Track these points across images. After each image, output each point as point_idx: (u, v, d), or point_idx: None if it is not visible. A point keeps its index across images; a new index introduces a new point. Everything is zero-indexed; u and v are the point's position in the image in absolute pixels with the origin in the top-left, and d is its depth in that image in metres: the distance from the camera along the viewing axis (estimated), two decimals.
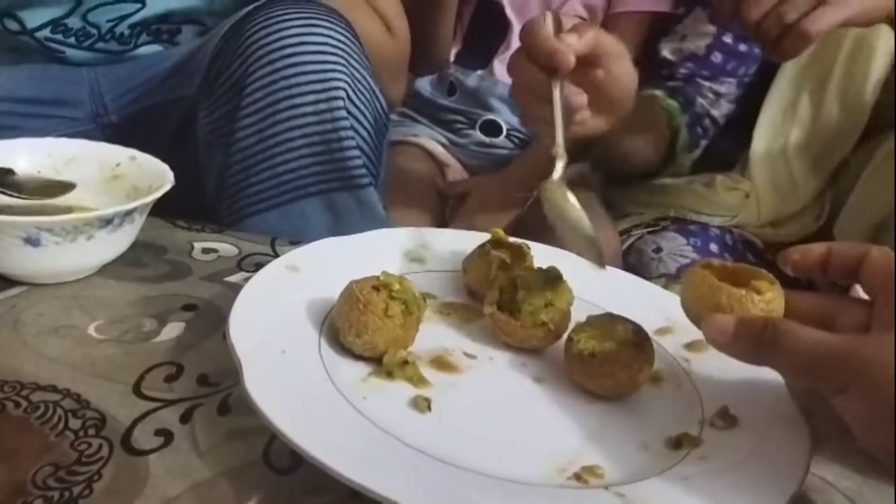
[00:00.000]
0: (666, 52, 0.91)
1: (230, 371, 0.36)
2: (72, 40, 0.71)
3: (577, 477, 0.34)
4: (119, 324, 0.43)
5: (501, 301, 0.46)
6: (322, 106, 0.60)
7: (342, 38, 0.61)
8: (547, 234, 0.88)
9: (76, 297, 0.45)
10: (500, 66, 0.94)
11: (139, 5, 0.70)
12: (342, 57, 0.60)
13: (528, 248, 0.52)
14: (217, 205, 0.64)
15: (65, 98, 0.71)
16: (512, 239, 0.52)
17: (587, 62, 0.53)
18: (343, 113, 0.60)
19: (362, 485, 0.30)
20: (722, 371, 0.43)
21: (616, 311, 0.44)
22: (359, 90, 0.62)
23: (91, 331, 0.42)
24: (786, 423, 0.38)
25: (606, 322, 0.42)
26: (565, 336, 0.44)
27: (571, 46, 0.50)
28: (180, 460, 0.33)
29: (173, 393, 0.38)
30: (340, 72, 0.60)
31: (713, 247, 0.83)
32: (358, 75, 0.62)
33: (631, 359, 0.40)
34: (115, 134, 0.71)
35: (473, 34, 0.95)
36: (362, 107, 0.62)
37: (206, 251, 0.55)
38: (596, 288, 0.50)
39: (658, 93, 0.88)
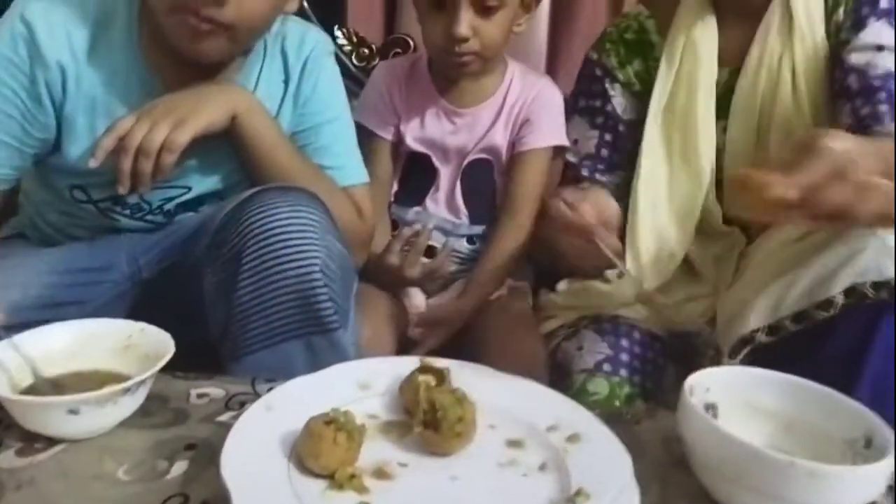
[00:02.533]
0: (569, 157, 1.10)
1: (224, 496, 0.51)
2: (126, 212, 0.90)
3: None
4: (140, 466, 0.58)
5: (426, 419, 0.61)
6: (302, 271, 0.75)
7: (319, 219, 0.78)
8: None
9: (105, 448, 0.60)
10: (430, 203, 1.13)
11: (186, 190, 0.89)
12: (318, 232, 0.77)
13: (448, 370, 0.68)
14: (221, 344, 0.80)
15: (108, 265, 0.88)
16: (437, 363, 0.68)
17: None
18: (319, 275, 0.76)
19: None
20: (589, 459, 0.59)
21: (515, 413, 0.62)
22: (331, 257, 0.78)
23: (120, 474, 0.57)
24: (624, 495, 0.54)
25: None
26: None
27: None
28: None
29: None
30: (317, 244, 0.76)
31: (624, 342, 0.97)
32: (331, 246, 0.78)
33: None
34: (146, 288, 0.89)
35: (408, 179, 1.15)
36: (335, 268, 0.79)
37: (200, 396, 0.70)
38: (504, 394, 0.67)
39: None
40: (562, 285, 1.08)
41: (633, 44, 1.07)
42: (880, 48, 0.94)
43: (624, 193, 1.05)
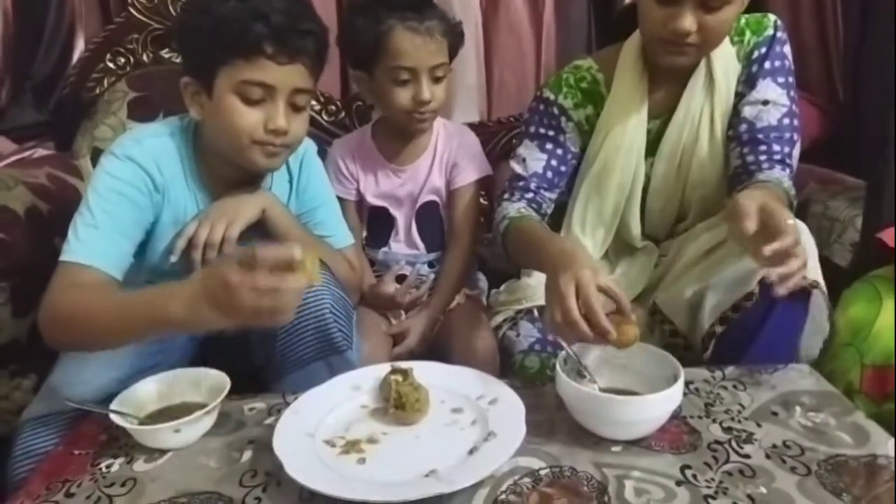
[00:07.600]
0: (518, 169, 1.36)
1: (278, 466, 0.85)
2: None
3: (428, 474, 0.84)
4: (222, 458, 0.92)
5: (396, 403, 0.95)
6: (318, 313, 1.07)
7: (328, 276, 1.11)
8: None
9: (199, 450, 0.94)
10: (393, 244, 1.47)
11: None
12: (325, 286, 1.09)
13: (411, 369, 1.02)
14: (266, 368, 1.12)
15: (175, 335, 1.16)
16: (402, 366, 1.02)
17: None
18: (329, 315, 1.08)
19: (336, 495, 0.79)
20: (501, 413, 0.93)
21: (457, 390, 0.97)
22: (336, 301, 1.10)
23: (211, 464, 0.91)
24: (515, 431, 0.88)
25: None
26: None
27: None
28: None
29: (256, 482, 0.87)
30: (325, 294, 1.09)
31: None
32: (335, 293, 1.11)
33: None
34: (202, 344, 1.20)
35: (372, 226, 1.49)
36: (339, 309, 1.11)
37: (250, 409, 1.04)
38: (450, 379, 1.01)
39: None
40: (503, 286, 1.42)
41: (586, 92, 1.32)
42: (766, 102, 1.21)
43: (559, 210, 1.37)
